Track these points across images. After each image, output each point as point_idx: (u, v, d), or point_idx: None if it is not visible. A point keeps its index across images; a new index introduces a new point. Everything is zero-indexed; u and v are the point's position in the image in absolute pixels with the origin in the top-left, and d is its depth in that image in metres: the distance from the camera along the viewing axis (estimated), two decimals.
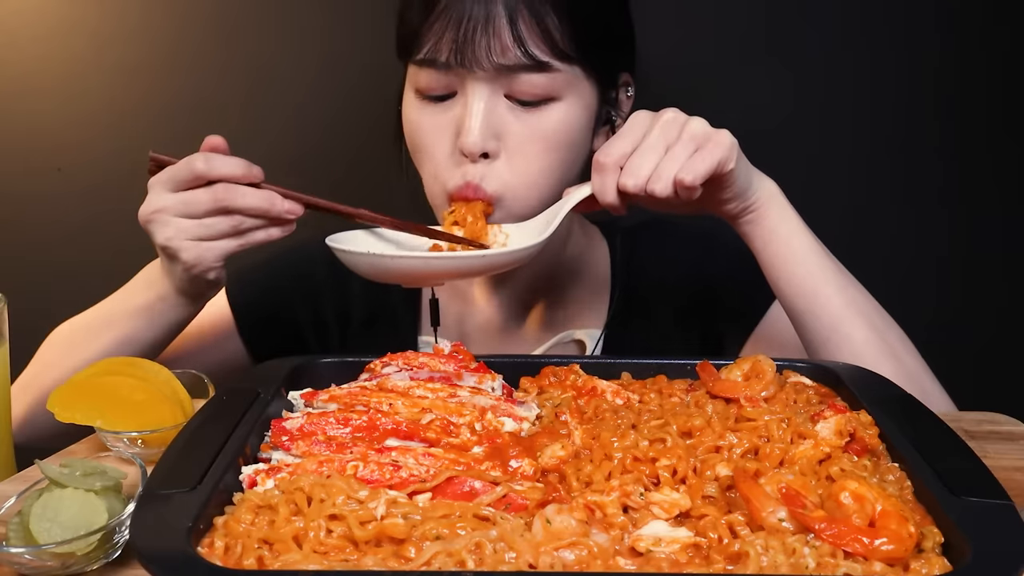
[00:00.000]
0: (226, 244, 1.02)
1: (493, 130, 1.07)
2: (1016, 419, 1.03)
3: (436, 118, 1.10)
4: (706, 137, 0.98)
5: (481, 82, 1.06)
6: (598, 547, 0.63)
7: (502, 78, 1.06)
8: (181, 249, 1.01)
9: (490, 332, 1.29)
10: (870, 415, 0.81)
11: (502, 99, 1.07)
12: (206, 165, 0.99)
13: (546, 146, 1.09)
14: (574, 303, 1.30)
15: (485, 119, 1.06)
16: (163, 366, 1.00)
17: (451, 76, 1.07)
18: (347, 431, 0.78)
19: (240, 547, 0.63)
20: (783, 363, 0.95)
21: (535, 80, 1.06)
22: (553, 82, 1.07)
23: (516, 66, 1.05)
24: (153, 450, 0.91)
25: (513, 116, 1.08)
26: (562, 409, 0.84)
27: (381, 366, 0.92)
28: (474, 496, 0.70)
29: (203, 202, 1.00)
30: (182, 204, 1.00)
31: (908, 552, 0.62)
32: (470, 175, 1.08)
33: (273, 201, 1.00)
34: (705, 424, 0.81)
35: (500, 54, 1.04)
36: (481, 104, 1.06)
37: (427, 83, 1.09)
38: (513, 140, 1.08)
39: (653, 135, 0.97)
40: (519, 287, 1.28)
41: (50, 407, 0.92)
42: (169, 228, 1.01)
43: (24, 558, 0.72)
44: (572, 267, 1.30)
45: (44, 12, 1.60)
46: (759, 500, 0.66)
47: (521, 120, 1.08)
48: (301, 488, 0.68)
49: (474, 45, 1.03)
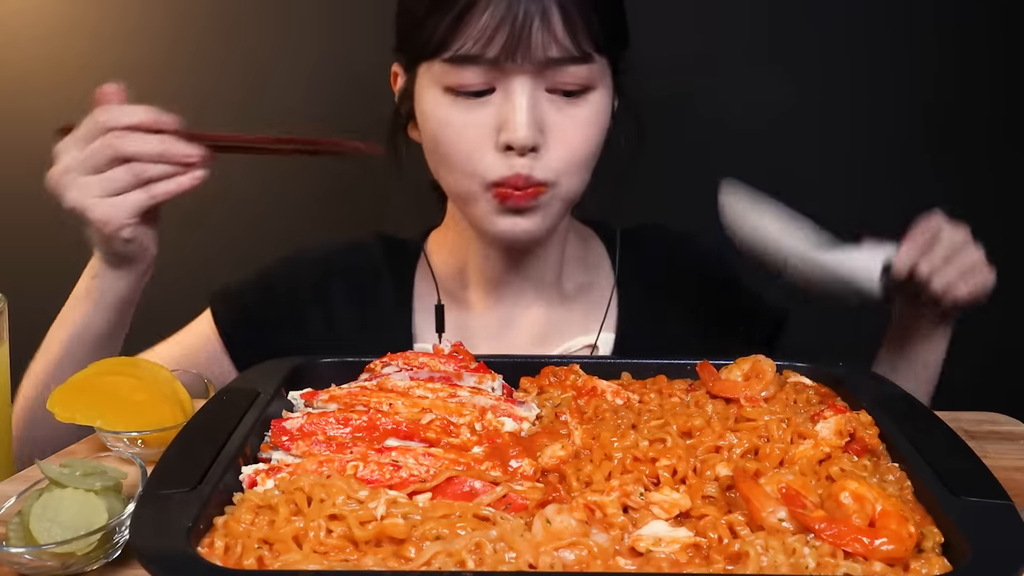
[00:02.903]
0: (134, 197, 0.99)
1: (538, 123, 1.07)
2: (1016, 419, 1.03)
3: (471, 115, 1.09)
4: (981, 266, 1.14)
5: (527, 76, 1.06)
6: (598, 547, 0.63)
7: (547, 71, 1.06)
8: (88, 208, 0.98)
9: (489, 340, 1.27)
10: (870, 415, 0.81)
11: (543, 92, 1.08)
12: (108, 116, 0.98)
13: (585, 135, 1.11)
14: (578, 306, 1.29)
15: (531, 113, 1.06)
16: (163, 366, 1.00)
17: (493, 71, 1.06)
18: (347, 431, 0.78)
19: (240, 547, 0.63)
20: (783, 363, 0.95)
21: (578, 71, 1.07)
22: (591, 72, 1.08)
23: (564, 58, 1.05)
24: (153, 450, 0.91)
25: (554, 108, 1.09)
26: (562, 409, 0.85)
27: (381, 366, 0.92)
28: (474, 496, 0.70)
29: (98, 153, 0.97)
30: (83, 161, 0.98)
31: (908, 552, 0.62)
32: (518, 167, 1.07)
33: (166, 144, 0.98)
34: (705, 424, 0.81)
35: (552, 47, 1.04)
36: (526, 98, 1.06)
37: (467, 79, 1.07)
38: (555, 131, 1.09)
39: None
40: (521, 292, 1.27)
41: (50, 407, 0.92)
42: (74, 189, 0.98)
43: (24, 558, 0.72)
44: (572, 269, 1.30)
45: (44, 12, 1.60)
46: (759, 500, 0.66)
47: (562, 112, 1.09)
48: (301, 488, 0.68)
49: (530, 39, 1.03)
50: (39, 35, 1.61)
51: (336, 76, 1.63)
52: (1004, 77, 1.59)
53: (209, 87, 1.63)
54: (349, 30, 1.61)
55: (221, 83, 1.63)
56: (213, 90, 1.63)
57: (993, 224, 1.63)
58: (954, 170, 1.62)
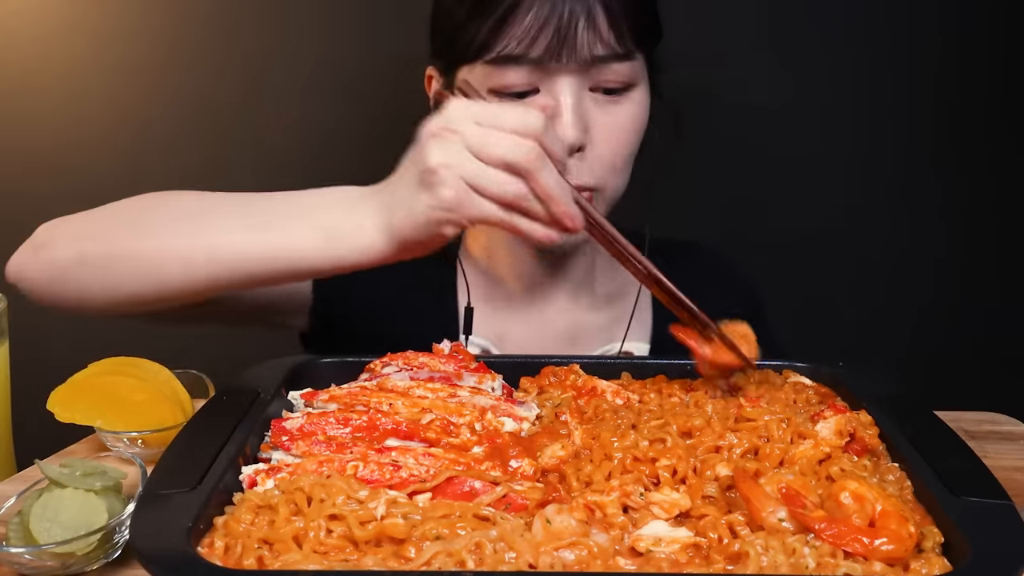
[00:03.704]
0: (491, 208, 0.81)
1: (583, 123, 1.07)
2: (1016, 419, 1.03)
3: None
4: None
5: (572, 75, 1.05)
6: (598, 547, 0.63)
7: (591, 70, 1.06)
8: (446, 180, 0.81)
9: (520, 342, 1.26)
10: (870, 415, 0.81)
11: (587, 92, 1.08)
12: (540, 123, 0.82)
13: (627, 135, 1.11)
14: (611, 311, 1.29)
15: (576, 112, 1.06)
16: (163, 366, 1.00)
17: (537, 71, 1.05)
18: (347, 431, 0.78)
19: (240, 547, 0.63)
20: (783, 363, 0.95)
21: (621, 69, 1.07)
22: (633, 70, 1.08)
23: (608, 56, 1.05)
24: (153, 450, 0.91)
25: (598, 107, 1.08)
26: (562, 409, 0.85)
27: (381, 366, 0.92)
28: (474, 496, 0.70)
29: (505, 148, 0.81)
30: (481, 138, 0.81)
31: (908, 552, 0.62)
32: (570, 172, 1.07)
33: (565, 194, 0.82)
34: (705, 424, 0.81)
35: (598, 46, 1.04)
36: (571, 98, 1.05)
37: (510, 80, 1.05)
38: (599, 131, 1.08)
39: None
40: (553, 295, 1.27)
41: (50, 407, 0.92)
42: (451, 153, 0.81)
43: (24, 558, 0.72)
44: (605, 275, 1.29)
45: (44, 12, 1.60)
46: (759, 500, 0.66)
47: (605, 111, 1.09)
48: (301, 488, 0.68)
49: (576, 39, 1.03)
50: (39, 35, 1.61)
51: (336, 76, 1.63)
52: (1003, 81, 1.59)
53: (209, 87, 1.63)
54: (349, 31, 1.61)
55: (221, 83, 1.63)
56: (213, 90, 1.63)
57: (993, 224, 1.64)
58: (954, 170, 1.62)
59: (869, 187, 1.63)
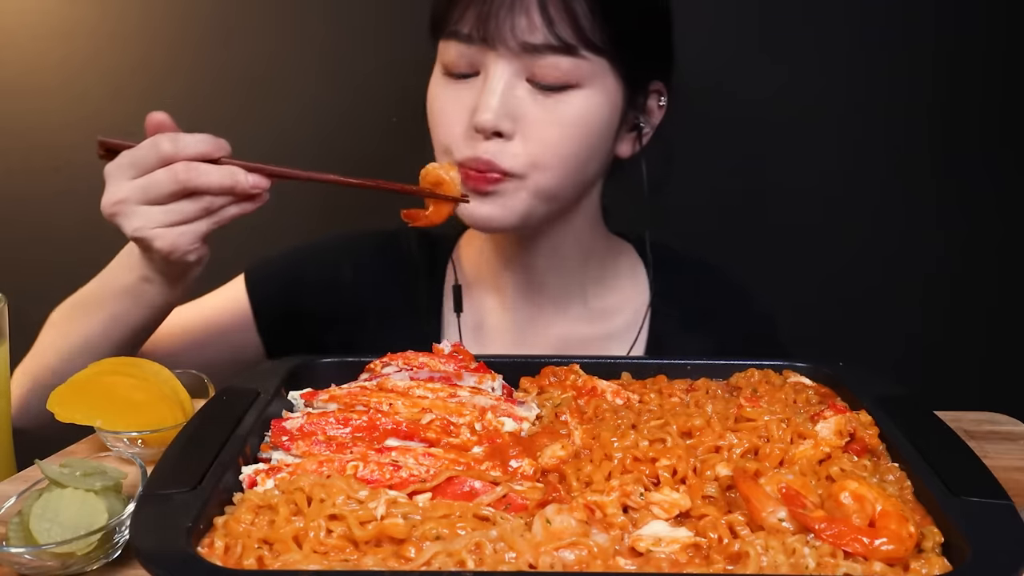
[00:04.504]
0: (198, 226, 0.97)
1: (510, 111, 1.06)
2: (1016, 419, 1.03)
3: (456, 94, 1.09)
4: None
5: (504, 60, 1.05)
6: (598, 547, 0.63)
7: (526, 59, 1.05)
8: (153, 238, 0.96)
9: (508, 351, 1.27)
10: (870, 415, 0.81)
11: (523, 82, 1.07)
12: (173, 146, 0.95)
13: (564, 133, 1.08)
14: (605, 325, 1.26)
15: (503, 98, 1.05)
16: (163, 366, 1.00)
17: (476, 53, 1.06)
18: (347, 431, 0.78)
19: (240, 547, 0.63)
20: (783, 363, 0.95)
21: (559, 64, 1.05)
22: (577, 69, 1.06)
23: (542, 46, 1.04)
24: (153, 450, 0.91)
25: (532, 100, 1.07)
26: (562, 409, 0.85)
27: (381, 366, 0.92)
28: (474, 496, 0.70)
29: (164, 185, 0.95)
30: (142, 191, 0.95)
31: (908, 552, 0.62)
32: (481, 150, 1.06)
33: (236, 177, 0.96)
34: (705, 424, 0.81)
35: (526, 32, 1.03)
36: (501, 83, 1.05)
37: (452, 59, 1.08)
38: (530, 124, 1.07)
39: None
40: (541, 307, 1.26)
41: (50, 407, 0.92)
42: (136, 218, 0.96)
43: (24, 558, 0.72)
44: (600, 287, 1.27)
45: (44, 12, 1.60)
46: (759, 500, 0.66)
47: (540, 104, 1.07)
48: (301, 488, 0.68)
49: (498, 19, 1.03)
50: (39, 35, 1.61)
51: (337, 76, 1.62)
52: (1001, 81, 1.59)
53: (209, 87, 1.63)
54: (351, 30, 1.61)
55: (221, 83, 1.63)
56: (213, 91, 1.63)
57: (993, 224, 1.64)
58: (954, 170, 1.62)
59: (869, 186, 1.63)
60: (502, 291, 1.26)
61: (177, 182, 0.95)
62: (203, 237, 0.99)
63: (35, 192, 1.66)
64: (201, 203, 0.96)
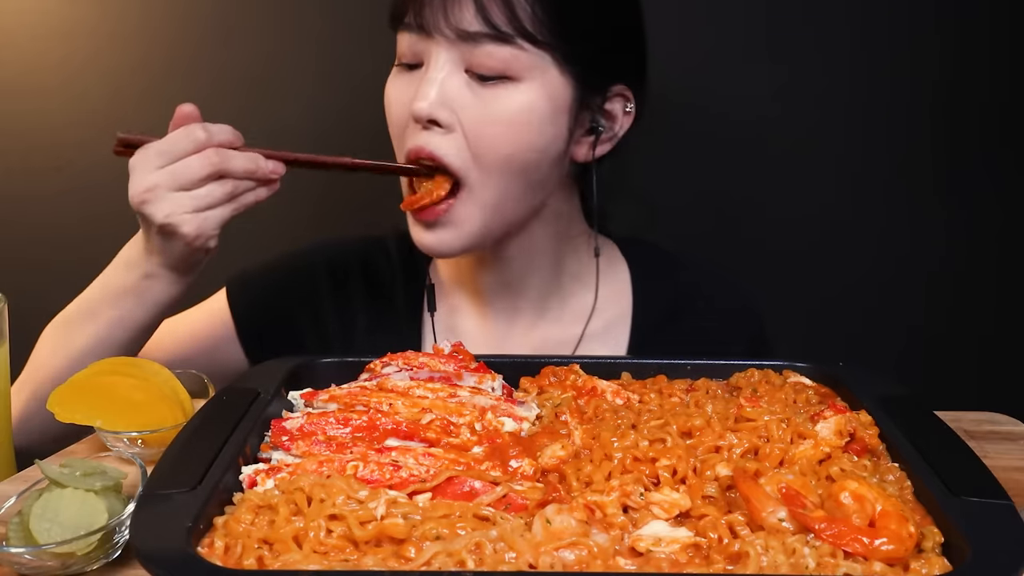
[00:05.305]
0: (222, 211, 1.01)
1: (447, 100, 1.05)
2: (1016, 419, 1.03)
3: (403, 86, 1.10)
4: None
5: (442, 49, 1.05)
6: (598, 547, 0.63)
7: (463, 48, 1.04)
8: (182, 224, 0.99)
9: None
10: (870, 415, 0.81)
11: (462, 73, 1.06)
12: (207, 133, 1.00)
13: (504, 129, 1.06)
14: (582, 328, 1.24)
15: (440, 87, 1.05)
16: (163, 366, 1.00)
17: (419, 43, 1.07)
18: (347, 431, 0.78)
19: (240, 547, 0.63)
20: (783, 364, 0.95)
21: (495, 52, 1.03)
22: (515, 60, 1.04)
23: (477, 34, 1.03)
24: (153, 450, 0.91)
25: (469, 91, 1.06)
26: (562, 409, 0.85)
27: (381, 366, 0.92)
28: (474, 496, 0.70)
29: (196, 170, 0.99)
30: (172, 177, 0.99)
31: (908, 552, 0.62)
32: (423, 141, 1.06)
33: (258, 162, 1.02)
34: (705, 424, 0.81)
35: (462, 19, 1.03)
36: (438, 73, 1.05)
37: (402, 50, 1.10)
38: (469, 117, 1.05)
39: None
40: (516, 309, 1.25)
41: (50, 407, 0.92)
42: (166, 204, 0.99)
43: (24, 558, 0.72)
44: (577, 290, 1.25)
45: (44, 12, 1.60)
46: (759, 500, 0.66)
47: (477, 95, 1.06)
48: (301, 488, 0.68)
49: (434, 7, 1.04)
50: (39, 35, 1.61)
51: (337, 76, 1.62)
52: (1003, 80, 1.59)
53: (209, 87, 1.63)
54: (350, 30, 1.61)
55: (221, 83, 1.63)
56: (213, 91, 1.63)
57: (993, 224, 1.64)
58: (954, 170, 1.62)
59: (868, 186, 1.63)
60: (479, 292, 1.25)
61: (210, 165, 0.99)
62: (224, 223, 1.02)
63: (35, 192, 1.66)
64: (227, 187, 1.01)
